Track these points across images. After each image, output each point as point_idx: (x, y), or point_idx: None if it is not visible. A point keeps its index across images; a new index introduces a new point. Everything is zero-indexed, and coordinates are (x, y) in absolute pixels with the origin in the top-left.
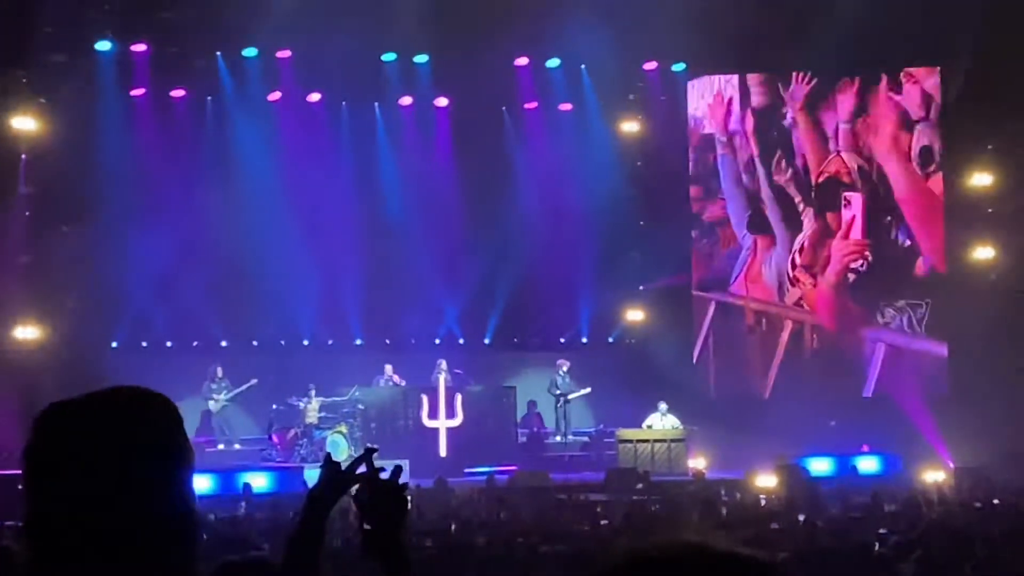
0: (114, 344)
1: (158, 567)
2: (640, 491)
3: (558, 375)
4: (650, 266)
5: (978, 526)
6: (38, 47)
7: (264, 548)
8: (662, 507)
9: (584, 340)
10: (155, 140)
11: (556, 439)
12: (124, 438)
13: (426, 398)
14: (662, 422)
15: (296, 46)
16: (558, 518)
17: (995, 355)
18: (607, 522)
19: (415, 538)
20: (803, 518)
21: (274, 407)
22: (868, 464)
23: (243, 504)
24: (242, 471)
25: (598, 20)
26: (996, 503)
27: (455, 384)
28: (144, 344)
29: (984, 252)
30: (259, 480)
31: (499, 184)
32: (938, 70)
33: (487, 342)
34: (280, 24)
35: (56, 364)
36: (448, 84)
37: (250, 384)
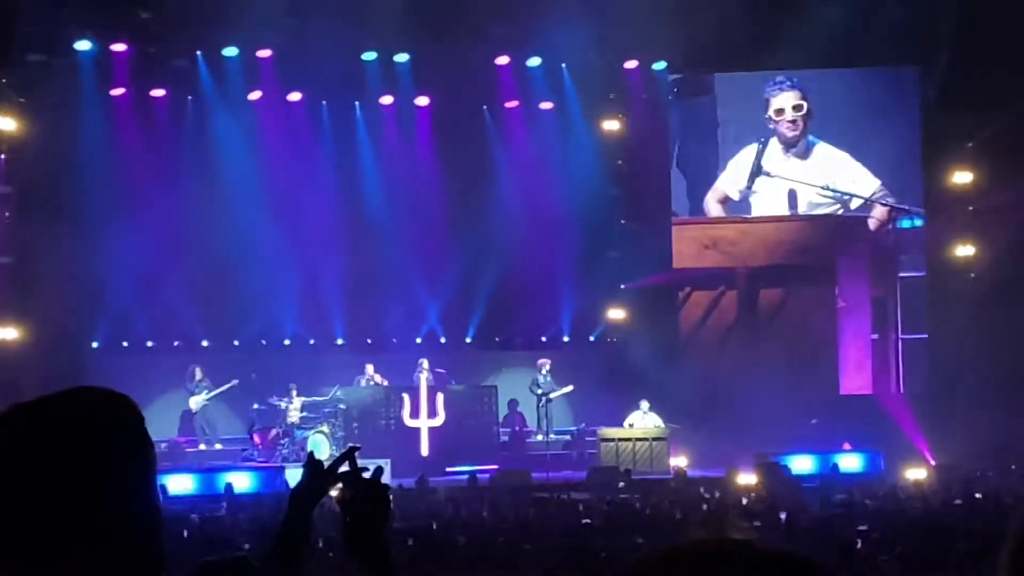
0: (95, 344)
1: (123, 570)
2: (622, 489)
3: (540, 374)
4: (632, 265)
5: (959, 523)
6: (18, 47)
7: (245, 548)
8: (643, 505)
9: (566, 339)
10: (135, 140)
11: (538, 438)
12: (85, 440)
13: (408, 398)
14: (643, 420)
15: (277, 46)
16: (540, 517)
17: (976, 352)
18: (589, 521)
19: (397, 538)
20: (784, 516)
21: (255, 407)
22: (850, 462)
23: (224, 504)
24: (224, 471)
25: (579, 19)
26: (978, 497)
27: (437, 383)
28: (125, 344)
29: (964, 249)
30: (241, 480)
31: (480, 183)
32: (916, 69)
33: (469, 341)
34: (260, 24)
35: (36, 364)
36: (429, 83)
37: (231, 384)
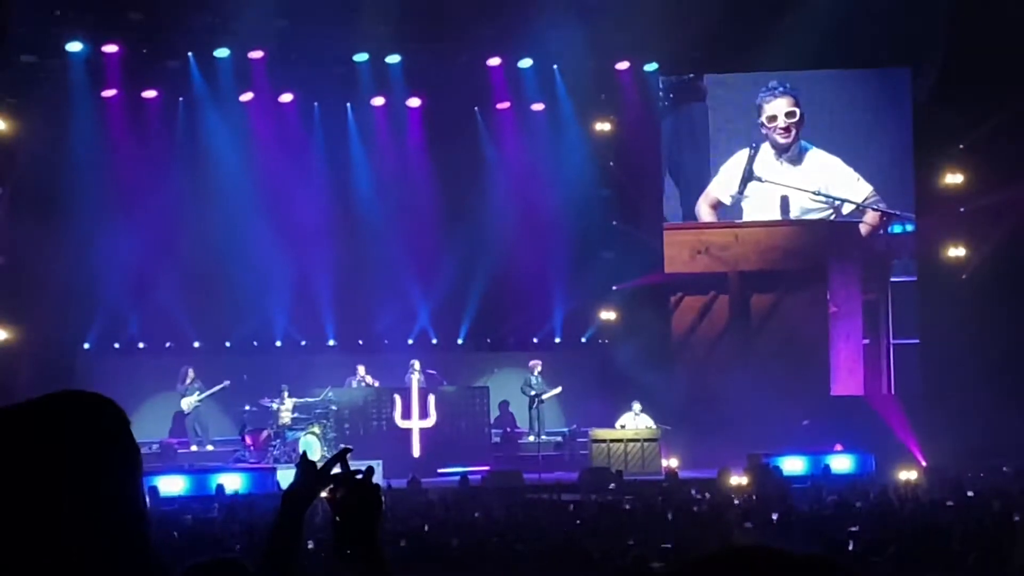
0: (86, 345)
1: (109, 572)
2: (613, 491)
3: (532, 375)
4: (623, 266)
5: (950, 523)
6: (9, 48)
7: (236, 549)
8: (634, 506)
9: (557, 340)
10: (127, 141)
11: (529, 439)
12: (69, 443)
13: (399, 398)
14: (635, 422)
15: (268, 47)
16: (531, 518)
17: (968, 353)
18: (580, 522)
19: (389, 538)
20: (776, 516)
21: (247, 408)
22: (841, 463)
23: (216, 505)
24: (215, 472)
25: (570, 20)
26: (970, 496)
27: (428, 385)
28: (116, 345)
29: (956, 250)
30: (232, 481)
31: (472, 184)
32: (908, 70)
33: (460, 342)
34: (252, 25)
35: (28, 365)
36: (420, 84)
37: (222, 386)
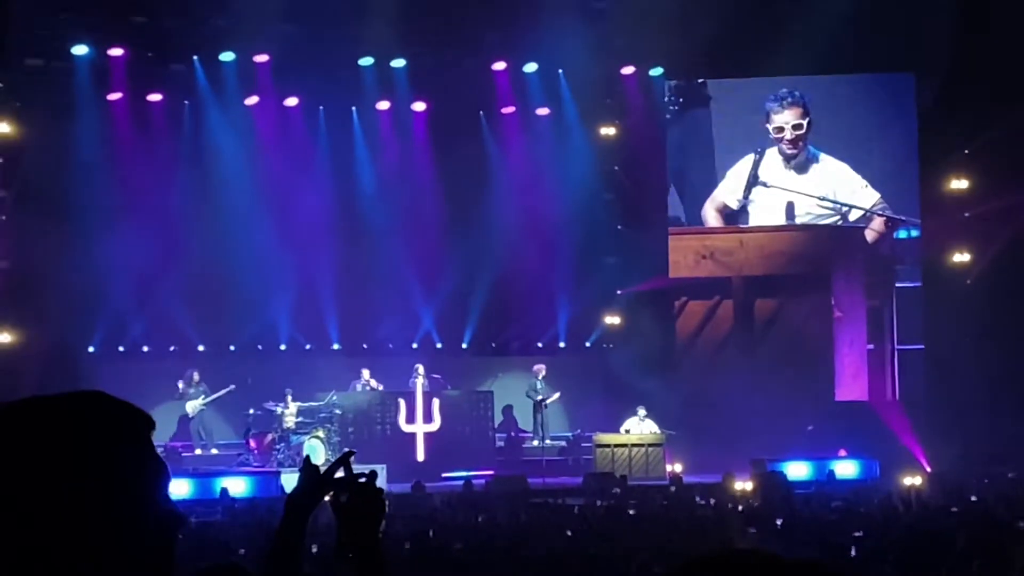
0: (91, 348)
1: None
2: (617, 495)
3: (536, 380)
4: (628, 270)
5: (954, 530)
6: (15, 51)
7: (240, 553)
8: (638, 511)
9: (562, 344)
10: (132, 144)
11: (534, 443)
12: (88, 444)
13: (403, 403)
14: (640, 427)
15: (273, 51)
16: (535, 522)
17: (972, 359)
18: (584, 527)
19: (393, 543)
20: (780, 522)
21: (251, 412)
22: (845, 469)
23: (220, 509)
24: (219, 476)
25: (575, 25)
26: (974, 501)
27: (432, 389)
28: (121, 349)
29: (960, 256)
30: (237, 485)
31: (477, 189)
32: (912, 75)
33: (465, 347)
34: (257, 28)
35: (32, 369)
36: (425, 89)
37: (227, 390)
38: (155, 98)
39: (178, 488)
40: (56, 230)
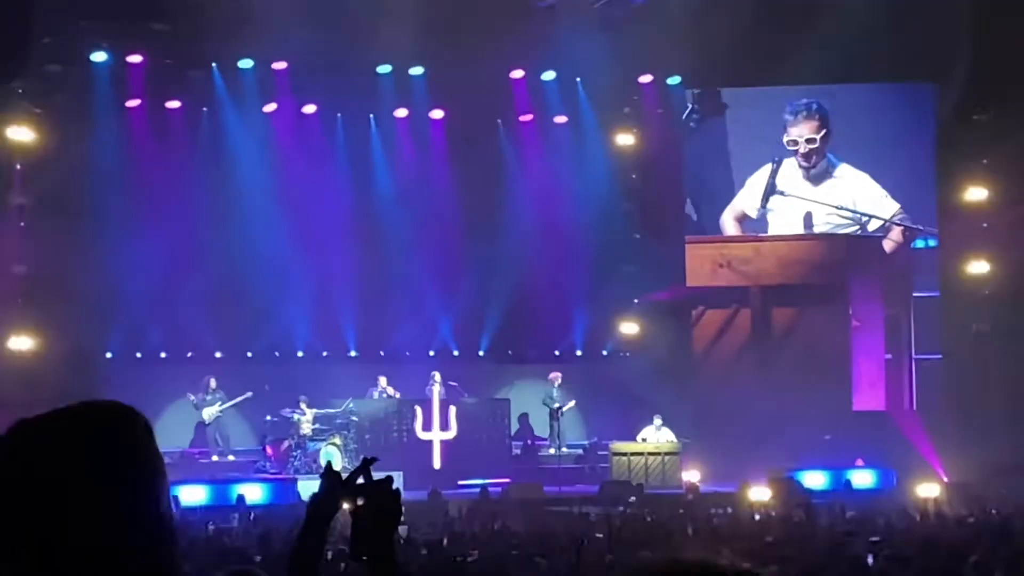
0: (109, 355)
1: None
2: (633, 504)
3: (552, 388)
4: (645, 279)
5: (971, 540)
6: (34, 57)
7: (256, 560)
8: (654, 520)
9: (579, 353)
10: (150, 151)
11: (550, 451)
12: (93, 454)
13: (420, 410)
14: (656, 436)
15: (292, 58)
16: (552, 530)
17: (989, 369)
18: (601, 535)
19: (409, 550)
20: (797, 531)
21: (268, 418)
22: (862, 478)
23: (237, 515)
24: (236, 482)
25: (593, 33)
26: (993, 512)
27: (449, 396)
28: (139, 355)
29: (979, 266)
30: (253, 492)
31: (494, 197)
32: (932, 85)
33: (481, 354)
34: (276, 36)
35: (50, 374)
36: (443, 96)
37: (245, 397)
38: (174, 105)
39: (194, 494)
40: (75, 236)
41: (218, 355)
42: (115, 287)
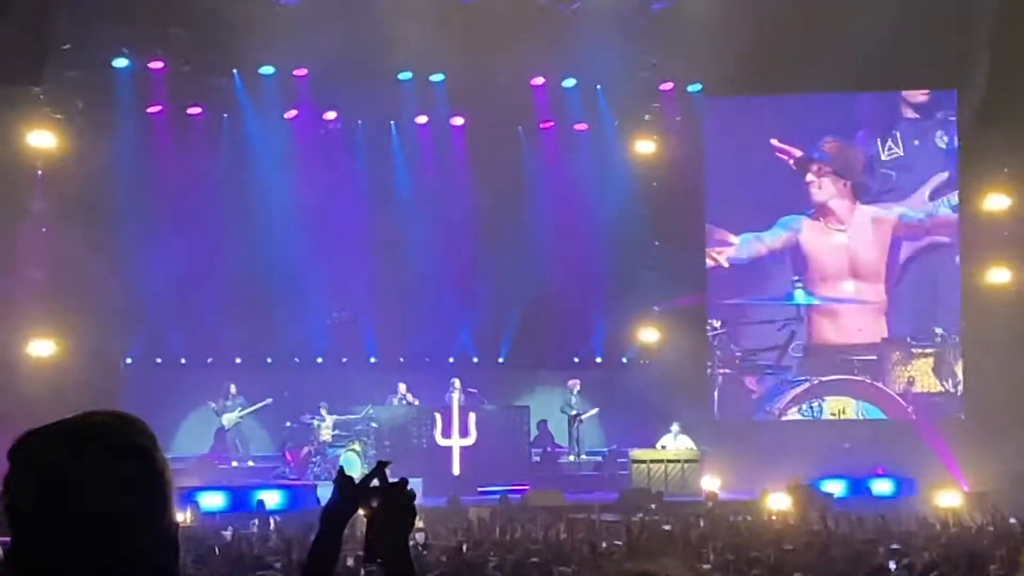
0: (128, 360)
1: None
2: (653, 512)
3: (571, 395)
4: (664, 286)
5: (991, 548)
6: (55, 63)
7: (276, 567)
8: (674, 528)
9: (598, 360)
10: (171, 157)
11: (570, 459)
12: (99, 465)
13: (440, 417)
14: (675, 443)
15: (312, 64)
16: (571, 537)
17: (1011, 377)
18: (620, 542)
19: (429, 557)
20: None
21: (288, 425)
22: (882, 487)
23: (256, 521)
24: (256, 488)
25: (614, 40)
26: (1013, 522)
27: (469, 403)
28: (159, 360)
29: (1000, 275)
30: (272, 497)
31: (514, 203)
32: (954, 92)
33: (501, 361)
34: (297, 42)
35: (71, 379)
36: (464, 103)
37: (264, 403)
38: (195, 111)
39: (214, 500)
40: (95, 242)
41: (238, 361)
42: (135, 293)
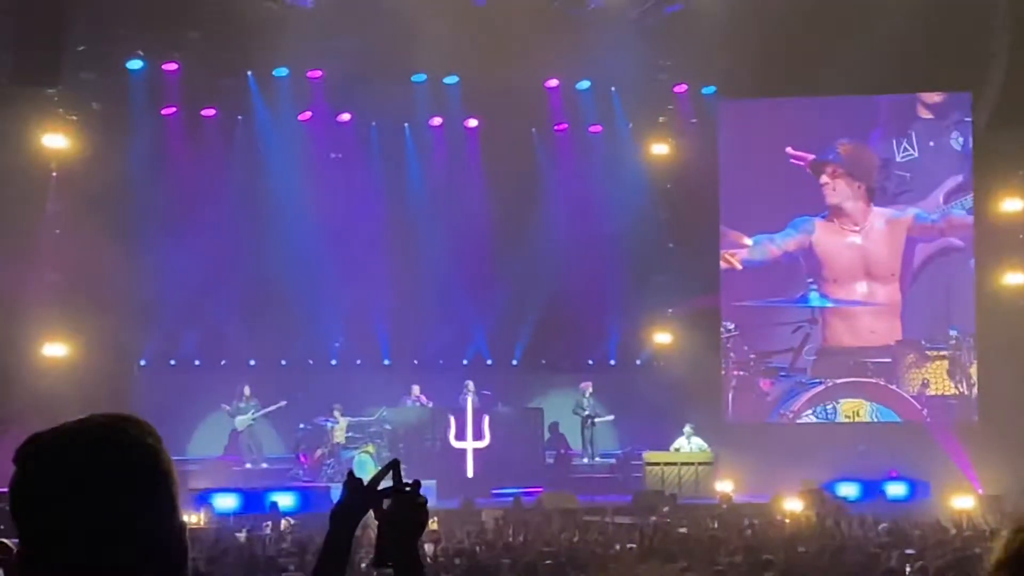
0: (142, 362)
1: None
2: (667, 514)
3: (583, 397)
4: (678, 288)
5: None
6: (69, 65)
7: (290, 568)
8: (688, 530)
9: (612, 362)
10: (185, 158)
11: (583, 461)
12: (104, 467)
13: (454, 419)
14: (689, 444)
15: (327, 66)
16: (585, 540)
17: None
18: (633, 545)
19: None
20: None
21: (301, 426)
22: (896, 490)
23: (269, 523)
24: (269, 490)
25: (628, 42)
26: None
27: (483, 405)
28: (172, 362)
29: (1015, 277)
30: (286, 499)
31: (528, 205)
32: (969, 94)
33: (515, 363)
34: (311, 44)
35: (84, 381)
36: (478, 105)
37: (278, 405)
38: (209, 112)
39: (227, 502)
40: (109, 243)
41: (252, 363)
42: (149, 295)
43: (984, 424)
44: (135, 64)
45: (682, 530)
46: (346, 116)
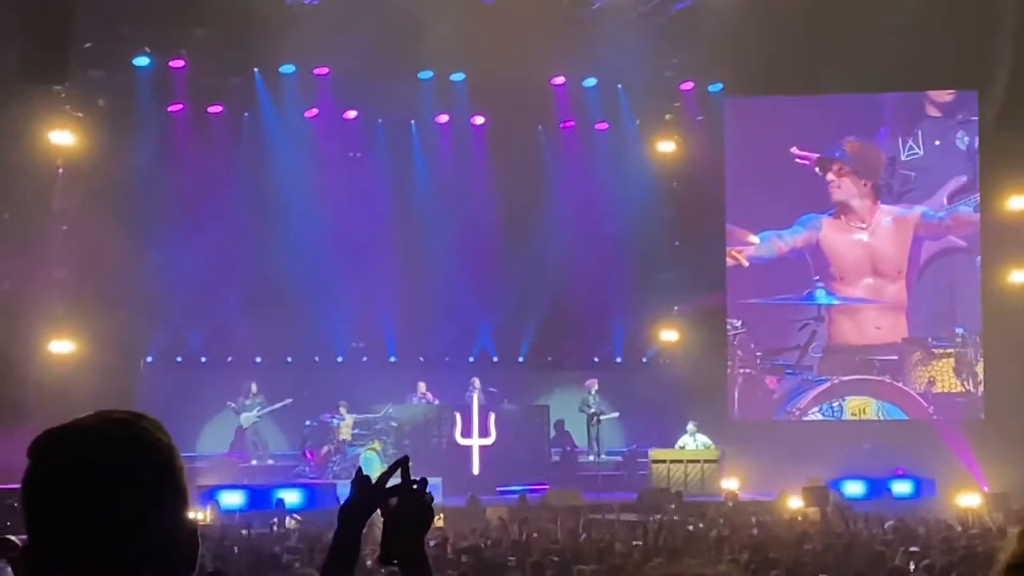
0: (149, 359)
1: None
2: (672, 511)
3: (589, 395)
4: (685, 286)
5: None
6: (76, 62)
7: (296, 566)
8: (694, 528)
9: (618, 360)
10: (192, 155)
11: (589, 458)
12: (122, 465)
13: (459, 416)
14: (694, 442)
15: (333, 63)
16: (590, 537)
17: None
18: (639, 543)
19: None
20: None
21: (307, 423)
22: (902, 487)
23: (275, 520)
24: (275, 487)
25: (635, 40)
26: None
27: (488, 402)
28: (179, 359)
29: (1021, 275)
30: (292, 496)
31: (534, 202)
32: (975, 93)
33: (521, 361)
34: (317, 41)
35: (91, 378)
36: (485, 102)
37: (284, 403)
38: (215, 109)
39: (233, 499)
40: (116, 240)
41: (258, 360)
42: (155, 291)
43: (990, 422)
44: (142, 61)
45: (689, 528)
46: (353, 113)
